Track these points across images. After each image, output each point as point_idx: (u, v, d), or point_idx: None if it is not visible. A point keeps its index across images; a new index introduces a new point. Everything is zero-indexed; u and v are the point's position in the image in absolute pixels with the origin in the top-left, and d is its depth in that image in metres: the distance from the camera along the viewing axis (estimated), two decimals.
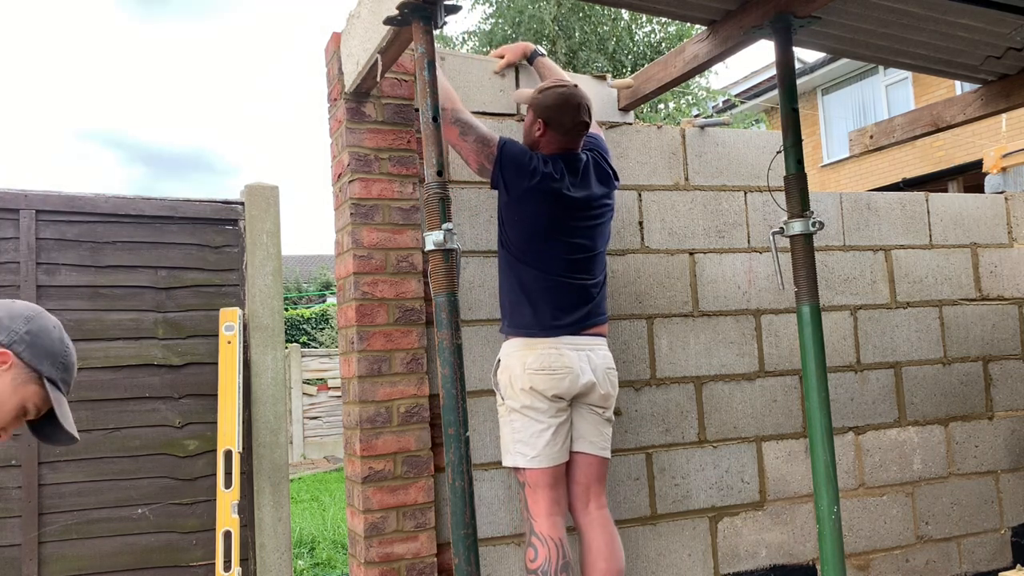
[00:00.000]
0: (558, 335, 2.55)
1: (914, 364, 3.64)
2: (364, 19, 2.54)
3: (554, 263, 2.57)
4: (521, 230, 2.59)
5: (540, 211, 2.56)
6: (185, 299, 3.29)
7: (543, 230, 2.57)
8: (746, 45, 2.70)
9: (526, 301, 2.57)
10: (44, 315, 1.48)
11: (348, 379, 2.87)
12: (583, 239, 2.62)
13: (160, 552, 3.14)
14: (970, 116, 3.58)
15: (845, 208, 3.61)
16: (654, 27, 10.96)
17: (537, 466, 2.52)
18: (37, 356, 1.43)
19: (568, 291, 2.58)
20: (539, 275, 2.57)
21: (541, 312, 2.55)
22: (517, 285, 2.60)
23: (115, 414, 3.15)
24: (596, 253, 2.67)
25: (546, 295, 2.56)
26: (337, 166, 2.94)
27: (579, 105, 2.60)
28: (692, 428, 3.20)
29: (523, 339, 2.56)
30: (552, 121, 2.61)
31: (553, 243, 2.57)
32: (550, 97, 2.61)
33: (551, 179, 2.56)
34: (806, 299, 2.50)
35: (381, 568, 2.68)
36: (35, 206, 3.14)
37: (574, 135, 2.64)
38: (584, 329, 2.61)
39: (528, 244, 2.58)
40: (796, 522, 3.32)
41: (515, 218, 2.60)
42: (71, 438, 1.53)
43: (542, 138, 2.65)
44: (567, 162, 2.63)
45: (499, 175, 2.57)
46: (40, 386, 1.44)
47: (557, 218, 2.57)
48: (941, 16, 2.73)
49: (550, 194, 2.55)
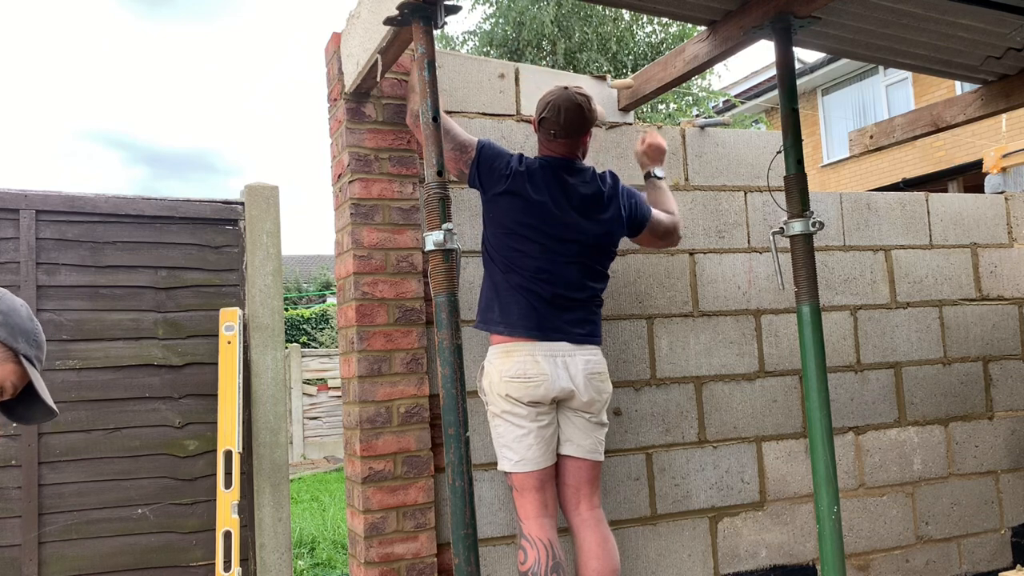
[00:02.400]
0: (532, 339, 2.53)
1: (914, 364, 3.64)
2: (364, 19, 2.54)
3: (524, 264, 2.57)
4: (494, 230, 2.63)
5: (510, 210, 2.58)
6: (185, 299, 3.29)
7: (512, 230, 2.58)
8: (746, 45, 2.70)
9: (496, 299, 2.60)
10: (10, 295, 1.51)
11: (348, 379, 2.87)
12: (561, 243, 2.58)
13: (160, 552, 3.14)
14: (970, 116, 3.58)
15: (845, 208, 3.62)
16: (655, 27, 10.96)
17: (521, 470, 2.53)
18: (13, 335, 1.45)
19: (536, 296, 2.55)
20: (508, 275, 2.58)
21: (507, 312, 2.56)
22: (491, 283, 2.64)
23: (115, 414, 3.15)
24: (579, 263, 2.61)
25: (513, 295, 2.56)
26: (337, 166, 2.95)
27: (559, 107, 2.58)
28: (692, 428, 3.20)
29: (501, 345, 2.57)
30: (539, 126, 2.66)
31: (524, 245, 2.57)
32: (544, 97, 2.65)
33: (523, 178, 2.56)
34: (806, 299, 2.50)
35: (381, 568, 2.68)
36: (35, 206, 3.14)
37: (561, 140, 2.63)
38: (561, 337, 2.56)
39: (500, 243, 2.61)
40: (796, 522, 3.32)
41: (490, 216, 2.64)
42: (50, 412, 1.54)
43: (538, 135, 2.70)
44: (554, 167, 2.61)
45: (476, 175, 2.62)
46: (17, 364, 1.46)
47: (527, 217, 2.56)
48: (941, 16, 2.73)
49: (520, 191, 2.56)
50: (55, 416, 1.57)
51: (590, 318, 2.65)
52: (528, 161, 2.62)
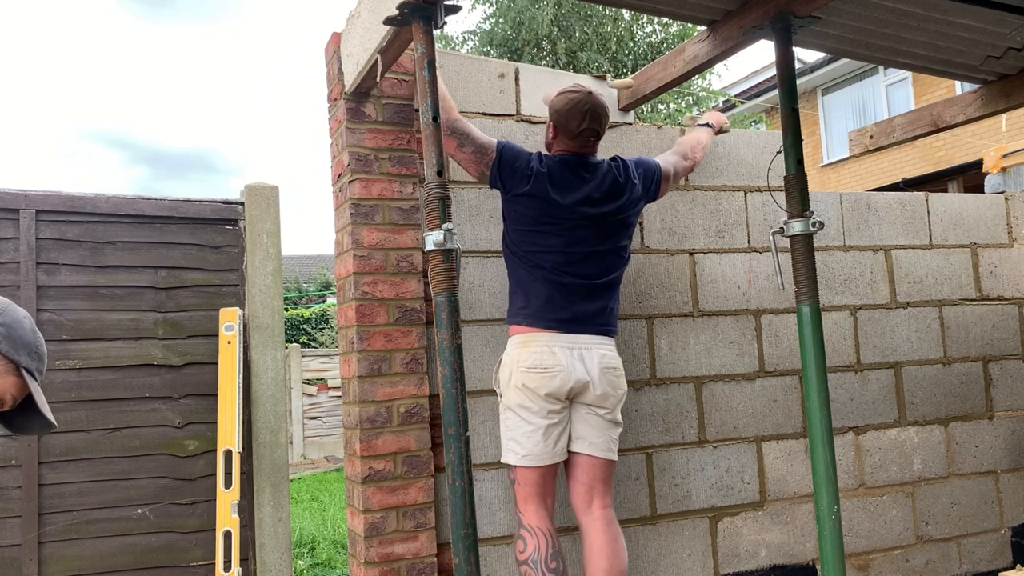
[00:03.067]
0: (552, 331, 2.57)
1: (914, 364, 3.64)
2: (364, 19, 2.54)
3: (547, 259, 2.61)
4: (516, 227, 2.66)
5: (531, 209, 2.61)
6: (185, 299, 3.29)
7: (535, 227, 2.62)
8: (746, 45, 2.70)
9: (520, 292, 2.65)
10: (13, 306, 1.50)
11: (348, 379, 2.87)
12: (583, 237, 2.63)
13: (160, 552, 3.14)
14: (970, 116, 3.58)
15: (845, 208, 3.61)
16: (655, 27, 10.96)
17: (527, 464, 2.55)
18: (15, 348, 1.45)
19: (560, 287, 2.60)
20: (532, 270, 2.62)
21: (529, 301, 2.62)
22: (515, 279, 2.68)
23: (115, 414, 3.16)
24: (598, 252, 2.66)
25: (537, 288, 2.61)
26: (337, 166, 2.94)
27: (586, 112, 2.63)
28: (692, 428, 3.20)
29: (520, 336, 2.60)
30: (560, 125, 2.67)
31: (546, 240, 2.62)
32: (560, 102, 2.66)
33: (544, 179, 2.60)
34: (806, 299, 2.50)
35: (381, 568, 2.68)
36: (35, 206, 3.14)
37: (582, 140, 2.67)
38: (581, 330, 2.61)
39: (521, 240, 2.65)
40: (796, 522, 3.32)
41: (511, 215, 2.67)
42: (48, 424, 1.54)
43: (554, 140, 2.73)
44: (572, 164, 2.66)
45: (497, 177, 2.64)
46: (18, 376, 1.46)
47: (549, 215, 2.61)
48: (941, 16, 2.73)
49: (542, 193, 2.60)
50: (53, 428, 1.57)
51: (611, 306, 2.71)
52: (548, 160, 2.66)
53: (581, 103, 2.63)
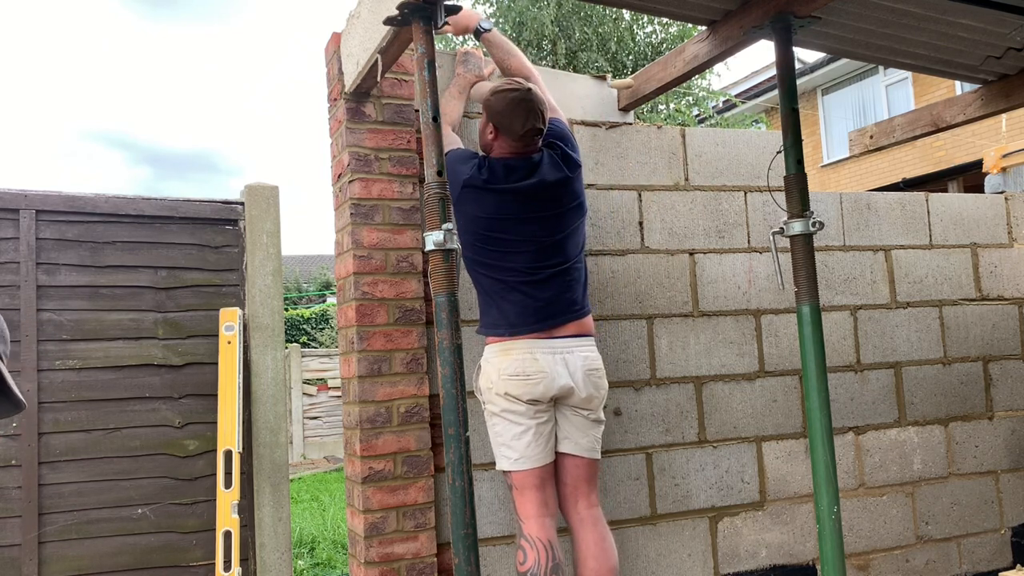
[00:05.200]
0: (530, 337, 2.52)
1: (914, 364, 3.64)
2: (364, 19, 2.54)
3: (508, 264, 2.54)
4: (466, 236, 2.57)
5: (479, 215, 2.53)
6: (185, 299, 3.29)
7: (489, 233, 2.54)
8: (746, 45, 2.70)
9: (492, 304, 2.58)
10: None
11: (348, 379, 2.87)
12: (540, 233, 2.55)
13: (160, 552, 3.14)
14: (970, 116, 3.58)
15: (845, 208, 3.62)
16: (655, 27, 10.96)
17: (521, 468, 2.52)
18: None
19: (527, 288, 2.54)
20: (496, 280, 2.56)
21: (508, 313, 2.54)
22: (481, 290, 2.63)
23: (115, 414, 3.15)
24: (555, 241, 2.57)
25: (506, 295, 2.55)
26: (337, 166, 2.95)
27: (530, 111, 2.50)
28: (692, 428, 3.20)
29: (499, 344, 2.55)
30: (503, 127, 2.54)
31: (504, 246, 2.53)
32: (501, 102, 2.52)
33: (488, 183, 2.51)
34: (806, 299, 2.50)
35: (381, 568, 2.68)
36: (35, 206, 3.14)
37: (527, 140, 2.55)
38: (558, 328, 2.56)
39: (478, 247, 2.56)
40: (796, 522, 3.32)
41: (459, 223, 2.57)
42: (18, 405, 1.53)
43: (495, 142, 2.60)
44: (515, 167, 2.56)
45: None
46: None
47: (500, 222, 2.52)
48: (941, 16, 2.73)
49: (487, 198, 2.51)
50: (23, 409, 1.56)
51: (580, 289, 2.62)
52: (492, 164, 2.54)
53: (524, 102, 2.50)
